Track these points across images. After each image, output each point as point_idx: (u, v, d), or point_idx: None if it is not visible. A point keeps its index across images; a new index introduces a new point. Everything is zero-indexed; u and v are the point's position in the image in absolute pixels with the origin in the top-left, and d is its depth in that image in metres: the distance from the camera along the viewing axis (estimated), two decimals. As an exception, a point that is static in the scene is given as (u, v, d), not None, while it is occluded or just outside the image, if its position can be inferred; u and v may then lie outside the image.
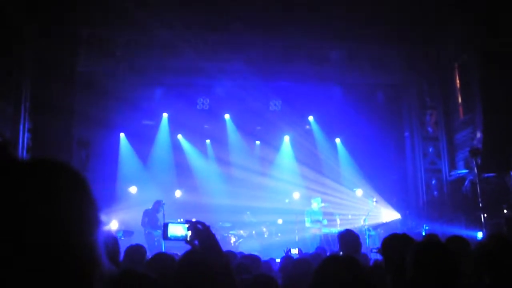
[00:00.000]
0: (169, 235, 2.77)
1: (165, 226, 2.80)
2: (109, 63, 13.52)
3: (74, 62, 12.78)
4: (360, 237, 6.18)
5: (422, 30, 13.97)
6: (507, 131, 12.30)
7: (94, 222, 1.01)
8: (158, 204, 13.15)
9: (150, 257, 4.61)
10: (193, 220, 2.67)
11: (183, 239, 2.69)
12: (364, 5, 12.73)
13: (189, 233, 2.64)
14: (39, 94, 11.84)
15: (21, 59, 11.56)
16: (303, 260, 5.30)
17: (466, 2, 12.72)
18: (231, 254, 5.82)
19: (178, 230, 2.74)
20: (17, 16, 11.00)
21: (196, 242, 2.58)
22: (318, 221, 13.82)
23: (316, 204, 14.12)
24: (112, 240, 4.09)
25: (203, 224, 2.59)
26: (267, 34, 13.60)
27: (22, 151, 11.35)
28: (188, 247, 2.68)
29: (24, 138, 11.42)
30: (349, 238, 5.76)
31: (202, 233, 2.55)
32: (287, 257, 6.52)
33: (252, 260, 5.58)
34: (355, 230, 6.16)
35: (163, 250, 11.52)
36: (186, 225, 2.67)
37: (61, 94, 12.07)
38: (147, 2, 12.42)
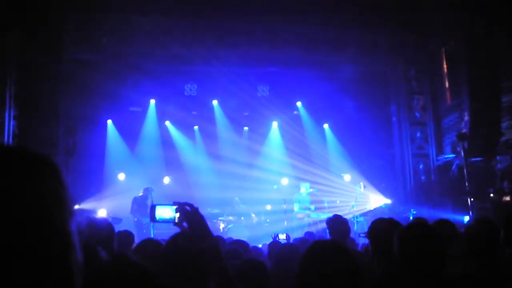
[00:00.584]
0: (156, 218, 2.73)
1: (153, 208, 2.76)
2: (95, 50, 13.40)
3: (60, 48, 12.64)
4: (349, 222, 6.20)
5: (410, 15, 13.98)
6: (494, 116, 12.38)
7: (66, 209, 0.98)
8: (147, 191, 13.12)
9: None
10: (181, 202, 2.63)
11: (171, 221, 2.65)
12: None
13: (177, 215, 2.60)
14: (25, 81, 11.72)
15: (5, 46, 11.41)
16: (290, 245, 5.31)
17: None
18: (220, 239, 5.81)
19: (166, 212, 2.70)
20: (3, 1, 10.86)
21: (185, 224, 2.54)
22: (306, 208, 13.87)
23: (304, 189, 14.13)
24: (107, 227, 4.05)
25: (191, 205, 2.54)
26: (252, 19, 13.54)
27: (8, 138, 11.25)
28: (176, 230, 2.65)
29: (10, 126, 11.33)
30: (337, 223, 5.77)
31: (190, 215, 2.52)
32: (275, 243, 6.53)
33: (241, 245, 5.58)
34: (343, 216, 6.16)
35: (152, 235, 11.54)
36: (174, 207, 2.63)
37: (47, 81, 11.96)
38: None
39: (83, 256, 0.99)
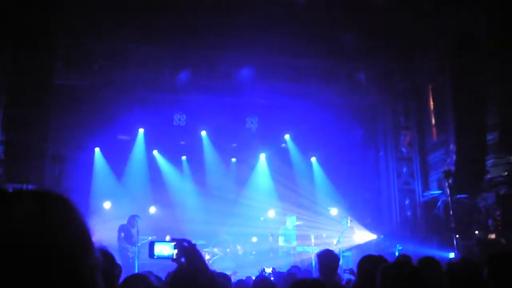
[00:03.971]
0: (155, 255, 2.82)
1: (151, 244, 2.84)
2: (86, 76, 13.45)
3: (50, 76, 12.67)
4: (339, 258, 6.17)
5: (399, 51, 14.23)
6: (480, 153, 12.51)
7: (90, 246, 1.02)
8: (133, 219, 13.01)
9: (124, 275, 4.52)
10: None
11: (169, 257, 2.72)
12: (341, 24, 12.91)
13: (175, 251, 2.66)
14: (13, 107, 11.70)
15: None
16: (271, 283, 5.28)
17: (441, 25, 12.99)
18: (226, 278, 5.75)
19: (164, 249, 2.81)
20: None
21: (183, 259, 2.62)
22: (292, 240, 13.82)
23: (289, 223, 14.10)
24: (108, 261, 3.89)
25: (188, 242, 2.64)
26: (242, 51, 13.71)
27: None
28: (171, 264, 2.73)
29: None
30: (328, 258, 5.72)
31: (188, 251, 2.60)
32: (261, 277, 6.50)
33: (223, 278, 5.54)
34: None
35: (137, 266, 11.43)
36: (173, 243, 2.70)
37: (36, 108, 11.95)
38: (123, 17, 12.44)
39: None
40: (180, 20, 12.73)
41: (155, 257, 2.81)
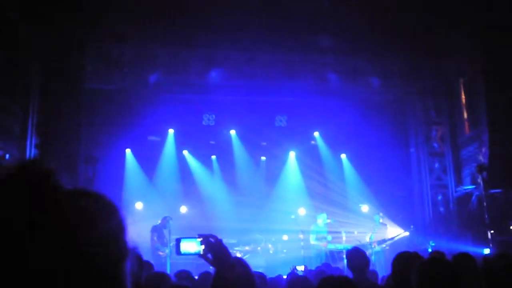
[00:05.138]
0: (182, 251, 2.77)
1: (178, 241, 2.80)
2: (116, 79, 13.61)
3: (82, 78, 12.86)
4: (367, 254, 6.16)
5: (428, 45, 14.03)
6: (513, 146, 12.27)
7: (126, 251, 1.04)
8: (165, 220, 13.13)
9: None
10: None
11: (196, 254, 2.68)
12: (369, 19, 12.80)
13: (202, 247, 2.64)
14: (46, 110, 11.92)
15: (29, 74, 11.66)
16: (305, 278, 5.29)
17: (474, 18, 12.76)
18: (260, 277, 5.77)
19: (190, 246, 2.76)
20: (25, 30, 11.12)
21: (209, 255, 2.60)
22: (323, 238, 13.72)
23: (321, 220, 14.02)
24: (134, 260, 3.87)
25: (215, 237, 2.62)
26: (270, 50, 13.71)
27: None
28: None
29: (31, 154, 11.48)
30: (356, 256, 5.74)
31: (214, 247, 2.58)
32: (293, 274, 6.50)
33: (258, 277, 5.56)
34: (360, 247, 6.13)
35: (168, 266, 11.54)
36: (199, 239, 2.67)
37: (68, 110, 12.16)
38: (151, 18, 12.56)
39: None
40: (207, 21, 12.79)
41: (181, 253, 2.76)
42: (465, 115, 14.44)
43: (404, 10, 12.67)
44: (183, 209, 15.96)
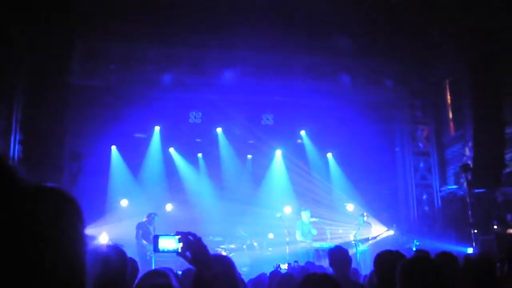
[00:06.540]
0: (160, 249, 2.71)
1: (156, 238, 2.74)
2: (102, 76, 13.53)
3: (67, 74, 12.76)
4: (350, 252, 6.19)
5: (415, 46, 14.12)
6: (497, 147, 12.39)
7: (83, 242, 1.03)
8: (150, 217, 13.09)
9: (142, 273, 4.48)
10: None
11: (174, 251, 2.63)
12: (357, 22, 12.86)
13: (180, 244, 2.59)
14: (31, 106, 11.81)
15: (14, 70, 11.54)
16: (289, 275, 5.31)
17: (458, 21, 12.86)
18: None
19: (169, 243, 2.67)
20: (10, 27, 11.00)
21: (188, 253, 2.54)
22: (308, 232, 13.65)
23: (305, 216, 13.96)
24: (120, 258, 3.61)
25: (194, 235, 2.55)
26: (259, 48, 13.71)
27: (13, 163, 11.25)
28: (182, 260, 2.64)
29: (15, 150, 11.37)
30: (338, 254, 5.78)
31: (193, 245, 2.52)
32: (276, 272, 6.51)
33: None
34: (345, 245, 6.16)
35: (153, 263, 11.51)
36: (177, 237, 2.62)
37: (53, 106, 12.05)
38: (138, 17, 12.51)
39: None
40: (193, 20, 12.78)
41: (160, 251, 2.68)
42: (450, 115, 14.56)
43: (391, 11, 12.74)
44: (169, 207, 15.90)
